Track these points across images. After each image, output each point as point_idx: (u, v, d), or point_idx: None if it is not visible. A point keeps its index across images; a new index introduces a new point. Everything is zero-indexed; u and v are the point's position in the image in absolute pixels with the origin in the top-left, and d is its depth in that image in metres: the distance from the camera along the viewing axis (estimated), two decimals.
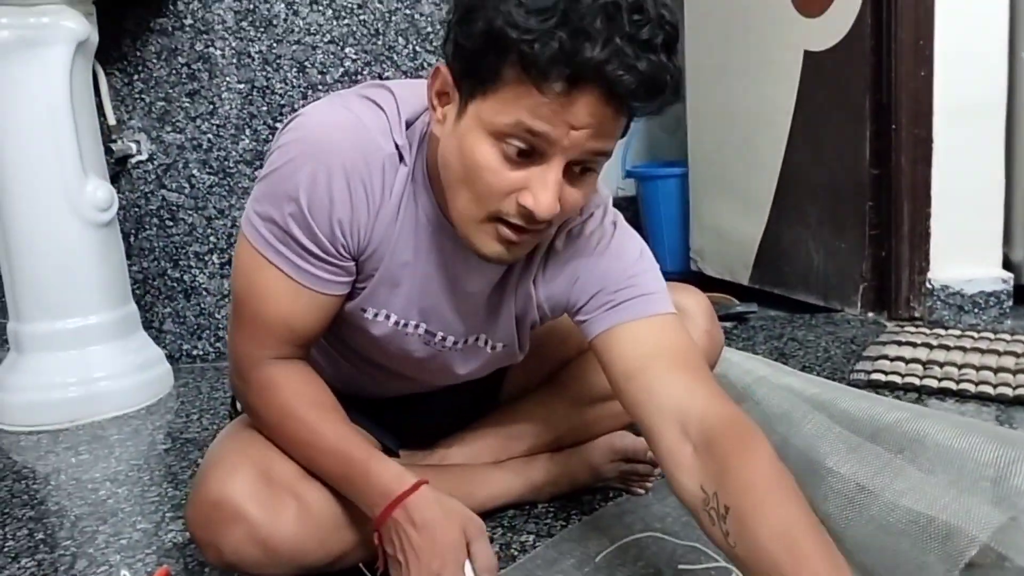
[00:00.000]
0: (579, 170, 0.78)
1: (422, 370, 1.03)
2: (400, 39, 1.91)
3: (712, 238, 2.43)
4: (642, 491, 1.20)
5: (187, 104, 1.91)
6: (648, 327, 0.89)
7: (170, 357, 1.91)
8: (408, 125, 0.88)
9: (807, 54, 2.00)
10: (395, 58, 1.93)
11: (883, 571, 0.64)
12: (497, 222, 0.79)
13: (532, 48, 0.69)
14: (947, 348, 1.67)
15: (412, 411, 1.16)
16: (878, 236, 1.95)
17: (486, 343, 1.01)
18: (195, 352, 2.03)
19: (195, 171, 1.93)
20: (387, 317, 0.94)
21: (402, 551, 0.86)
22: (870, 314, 1.98)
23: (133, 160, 1.92)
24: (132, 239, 1.95)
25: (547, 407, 1.19)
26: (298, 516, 0.90)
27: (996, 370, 1.54)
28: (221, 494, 0.89)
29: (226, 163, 1.93)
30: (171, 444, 1.55)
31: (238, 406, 1.15)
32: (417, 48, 1.93)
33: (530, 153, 0.75)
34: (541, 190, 0.75)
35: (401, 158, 0.87)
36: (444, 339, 0.98)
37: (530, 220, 0.78)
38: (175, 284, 1.99)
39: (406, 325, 0.95)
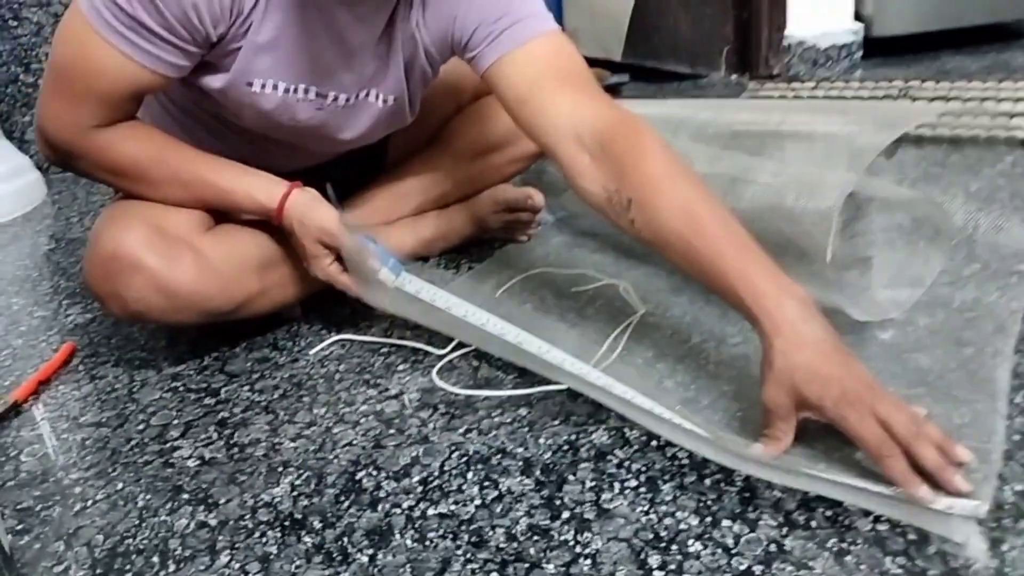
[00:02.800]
0: None
1: (314, 138, 1.04)
2: None
3: (585, 18, 2.44)
4: (525, 238, 1.29)
5: None
6: (530, 51, 0.92)
7: (37, 167, 1.84)
8: None
9: None
10: None
11: (770, 249, 0.74)
12: None
13: None
14: (801, 99, 1.79)
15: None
16: None
17: (377, 97, 1.02)
18: None
19: None
20: (275, 87, 0.94)
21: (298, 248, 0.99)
22: (733, 76, 2.07)
23: None
24: None
25: (431, 165, 1.23)
26: (195, 263, 0.94)
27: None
28: (118, 246, 0.91)
29: None
30: (56, 245, 1.53)
31: None
32: None
33: None
34: None
35: None
36: (336, 98, 0.99)
37: None
38: (30, 90, 1.88)
39: (295, 91, 0.95)
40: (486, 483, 0.75)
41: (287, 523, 0.73)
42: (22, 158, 1.77)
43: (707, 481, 0.72)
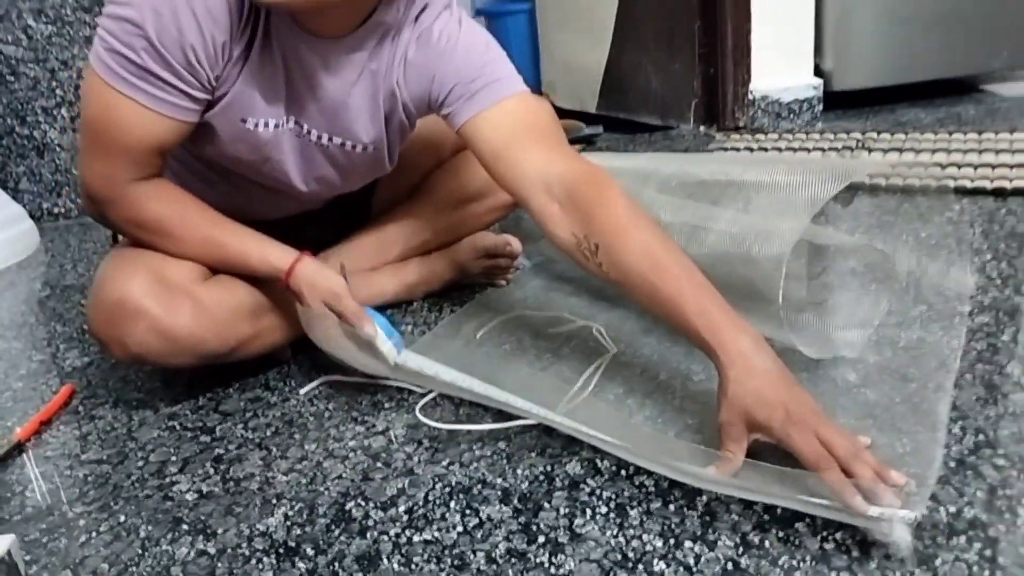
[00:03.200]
0: None
1: (300, 178, 1.10)
2: None
3: (561, 70, 2.55)
4: (504, 283, 1.36)
5: None
6: (504, 110, 1.01)
7: (31, 216, 1.90)
8: None
9: None
10: None
11: (727, 293, 0.82)
12: None
13: None
14: (765, 150, 1.88)
15: (289, 231, 1.25)
16: (707, 55, 2.11)
17: (356, 145, 1.09)
18: (56, 210, 2.01)
19: (30, 21, 1.86)
20: (266, 125, 1.01)
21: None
22: (701, 128, 2.17)
23: None
24: None
25: (414, 215, 1.31)
26: (193, 310, 1.00)
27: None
28: (122, 293, 0.97)
29: (63, 11, 1.87)
30: (51, 292, 1.58)
31: (119, 237, 1.22)
32: None
33: None
34: None
35: None
36: (310, 133, 1.05)
37: None
38: (25, 142, 1.95)
39: (279, 126, 1.03)
40: (467, 511, 0.81)
41: (281, 551, 0.78)
42: (16, 207, 1.83)
43: (671, 507, 0.78)
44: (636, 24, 2.24)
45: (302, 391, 1.07)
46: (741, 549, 0.72)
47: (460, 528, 0.78)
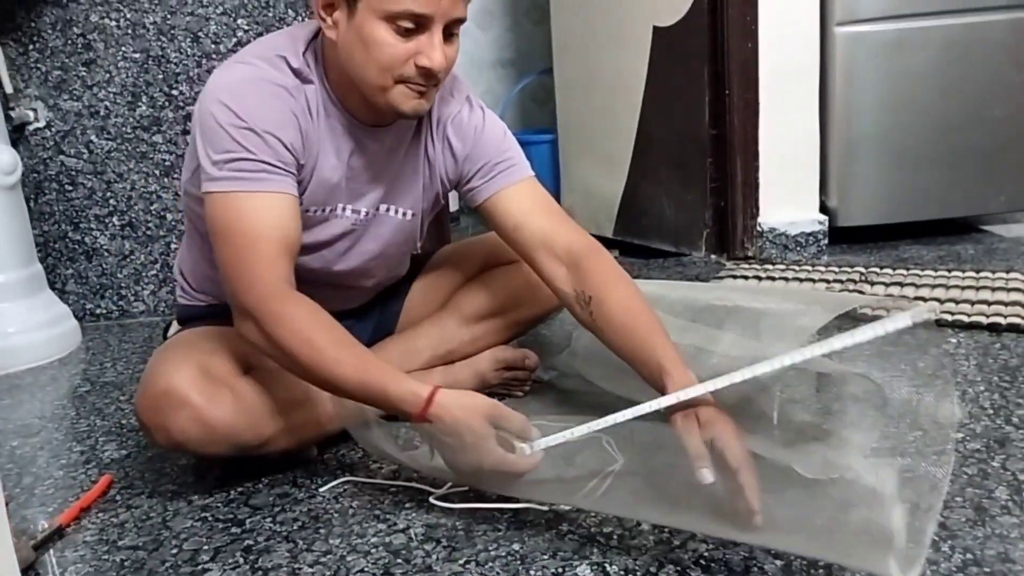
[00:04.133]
0: (448, 34, 1.04)
1: (344, 259, 1.23)
2: (290, 10, 2.06)
3: (580, 196, 2.69)
4: (521, 393, 1.44)
5: (83, 73, 2.00)
6: (520, 189, 1.21)
7: (75, 316, 2.01)
8: (304, 50, 1.12)
9: (656, 29, 2.27)
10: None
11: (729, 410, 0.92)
12: (403, 84, 1.05)
13: None
14: (773, 279, 1.98)
15: None
16: (717, 188, 2.24)
17: (396, 211, 1.24)
18: (98, 311, 2.12)
19: (93, 137, 2.03)
20: (343, 209, 1.18)
21: (442, 453, 1.01)
22: (712, 256, 2.28)
23: (31, 127, 2.00)
24: (33, 203, 2.03)
25: (440, 327, 1.40)
26: (233, 403, 1.09)
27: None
28: (169, 385, 1.06)
29: (123, 129, 2.03)
30: (91, 387, 1.67)
31: (169, 332, 1.32)
32: (306, 19, 2.08)
33: (415, 29, 1.02)
34: (432, 51, 1.03)
35: (306, 79, 1.10)
36: (367, 213, 1.21)
37: (428, 76, 1.05)
38: (76, 246, 2.08)
39: (338, 210, 1.19)
40: None
41: None
42: (62, 307, 1.94)
43: None
44: (652, 157, 2.39)
45: (323, 489, 1.14)
46: None
47: None
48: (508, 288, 1.39)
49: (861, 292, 1.84)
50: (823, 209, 2.28)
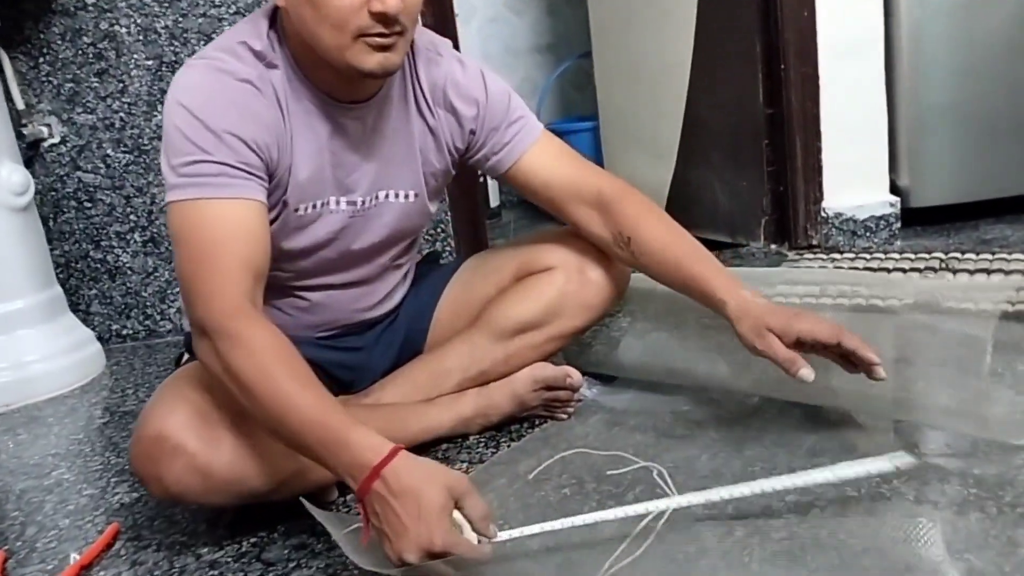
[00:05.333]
0: None
1: (345, 251, 1.13)
2: None
3: None
4: (564, 416, 1.29)
5: (96, 84, 1.91)
6: (540, 146, 1.19)
7: (99, 338, 1.93)
8: (267, 29, 1.02)
9: (700, 2, 2.10)
10: None
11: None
12: (362, 38, 0.94)
13: None
14: (842, 270, 1.80)
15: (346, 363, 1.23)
16: (775, 172, 2.07)
17: (396, 195, 1.14)
18: (124, 332, 2.04)
19: (109, 151, 1.94)
20: (337, 203, 1.09)
21: (387, 523, 0.82)
22: (772, 246, 2.10)
23: (46, 144, 1.92)
24: (51, 223, 1.95)
25: (471, 344, 1.26)
26: (235, 446, 0.96)
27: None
28: (161, 429, 0.94)
29: (140, 140, 1.94)
30: (109, 418, 1.58)
31: (182, 362, 1.21)
32: None
33: None
34: None
35: (270, 63, 1.00)
36: (363, 203, 1.11)
37: (386, 22, 0.93)
38: (99, 265, 2.00)
39: (328, 204, 1.09)
40: None
41: None
42: (85, 332, 1.86)
43: None
44: (701, 142, 2.22)
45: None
46: None
47: None
48: (544, 298, 1.24)
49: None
50: (894, 189, 2.09)
